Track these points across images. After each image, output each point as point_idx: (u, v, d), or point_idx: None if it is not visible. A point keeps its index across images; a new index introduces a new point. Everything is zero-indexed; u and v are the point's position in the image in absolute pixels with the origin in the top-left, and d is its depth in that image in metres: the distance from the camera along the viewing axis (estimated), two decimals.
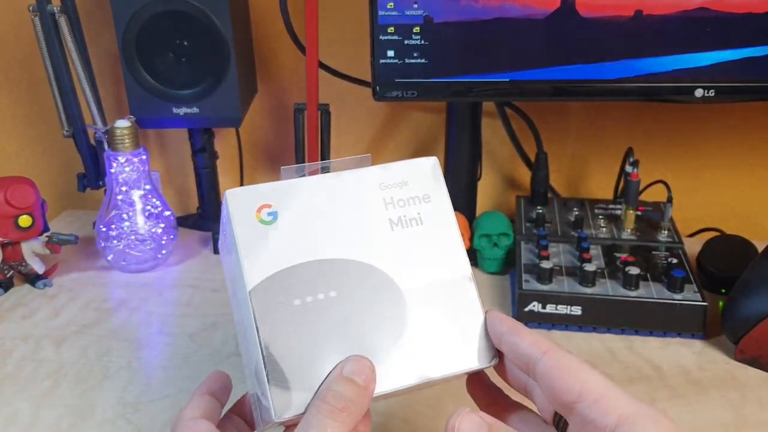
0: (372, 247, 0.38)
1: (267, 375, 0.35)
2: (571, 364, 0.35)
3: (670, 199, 0.75)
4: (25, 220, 0.72)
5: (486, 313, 0.39)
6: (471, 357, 0.38)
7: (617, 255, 0.71)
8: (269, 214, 0.38)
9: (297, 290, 0.36)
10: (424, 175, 0.41)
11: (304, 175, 0.40)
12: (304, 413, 0.34)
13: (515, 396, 0.41)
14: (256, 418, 0.38)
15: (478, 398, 0.42)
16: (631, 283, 0.65)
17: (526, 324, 0.66)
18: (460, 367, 0.38)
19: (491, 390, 0.42)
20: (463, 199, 0.84)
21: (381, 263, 0.38)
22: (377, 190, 0.40)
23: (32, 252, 0.75)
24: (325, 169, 0.42)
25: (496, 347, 0.39)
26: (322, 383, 0.35)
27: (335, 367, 0.35)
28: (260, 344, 0.35)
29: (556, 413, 0.37)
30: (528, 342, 0.37)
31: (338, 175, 0.40)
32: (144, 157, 0.78)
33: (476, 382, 0.42)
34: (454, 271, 0.39)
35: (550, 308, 0.66)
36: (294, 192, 0.39)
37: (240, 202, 0.38)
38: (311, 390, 0.35)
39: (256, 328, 0.35)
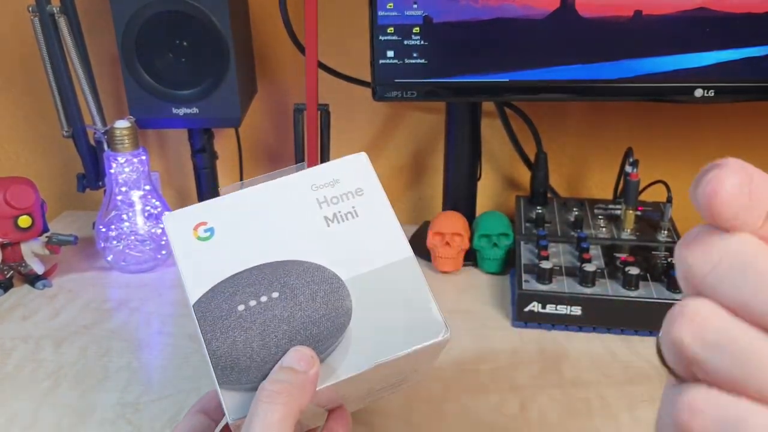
0: (309, 245, 0.40)
1: (217, 380, 0.36)
2: None
3: (669, 199, 0.75)
4: (24, 221, 0.72)
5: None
6: (420, 333, 0.38)
7: (617, 255, 0.71)
8: (206, 230, 0.40)
9: (239, 297, 0.38)
10: (355, 171, 0.42)
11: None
12: None
13: None
14: None
15: None
16: (630, 283, 0.65)
17: (525, 324, 0.67)
18: (411, 345, 0.38)
19: None
20: (462, 200, 0.84)
21: (320, 259, 0.39)
22: (309, 191, 0.41)
23: (32, 252, 0.75)
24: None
25: None
26: None
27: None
28: (207, 353, 0.37)
29: None
30: None
31: (269, 184, 0.42)
32: (143, 157, 0.78)
33: None
34: (394, 255, 0.40)
35: (549, 308, 0.66)
36: (228, 206, 0.41)
37: (177, 223, 0.40)
38: None
39: (203, 338, 0.37)
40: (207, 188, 0.89)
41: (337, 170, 0.42)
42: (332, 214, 0.41)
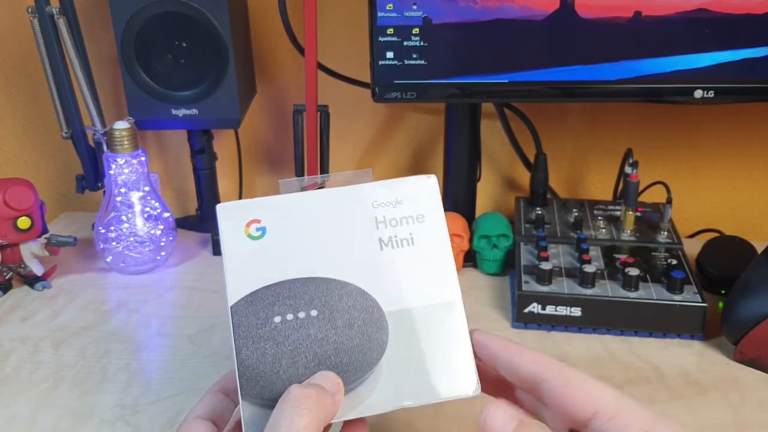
0: (358, 267, 0.38)
1: (240, 389, 0.35)
2: (581, 381, 0.34)
3: (669, 200, 0.75)
4: (23, 222, 0.72)
5: (471, 333, 0.38)
6: (450, 386, 0.37)
7: (617, 256, 0.71)
8: (258, 229, 0.38)
9: (278, 308, 0.37)
10: (420, 194, 0.40)
11: (303, 189, 0.40)
12: None
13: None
14: None
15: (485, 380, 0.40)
16: (630, 284, 0.65)
17: (525, 326, 0.67)
18: (437, 396, 0.37)
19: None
20: (462, 201, 0.84)
21: (365, 284, 0.38)
22: (369, 209, 0.39)
23: (31, 254, 0.75)
24: (323, 183, 0.42)
25: (492, 369, 0.37)
26: None
27: None
28: (236, 358, 0.36)
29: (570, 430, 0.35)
30: (528, 361, 0.35)
31: (331, 191, 0.40)
32: (143, 158, 0.78)
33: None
34: (441, 296, 0.38)
35: (549, 309, 0.66)
36: (284, 208, 0.39)
37: (230, 216, 0.39)
38: None
39: (234, 342, 0.36)
40: (206, 189, 0.89)
41: (403, 190, 0.40)
42: (388, 238, 0.39)
